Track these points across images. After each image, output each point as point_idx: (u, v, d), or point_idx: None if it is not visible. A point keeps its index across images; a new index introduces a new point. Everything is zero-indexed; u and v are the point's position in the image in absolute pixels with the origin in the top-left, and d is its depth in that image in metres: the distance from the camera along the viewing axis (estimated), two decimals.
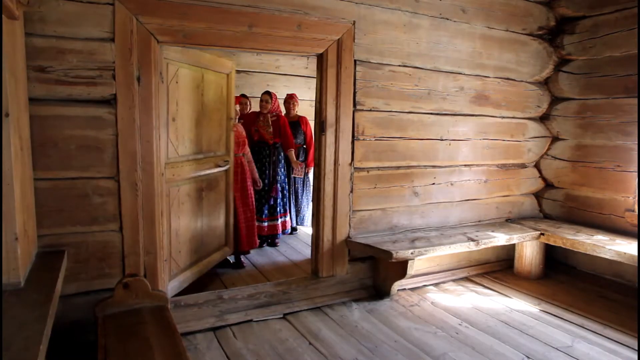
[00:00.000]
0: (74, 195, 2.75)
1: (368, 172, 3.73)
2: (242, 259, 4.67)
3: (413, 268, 3.53)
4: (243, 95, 5.60)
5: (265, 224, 5.18)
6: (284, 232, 5.43)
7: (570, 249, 3.94)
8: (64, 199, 2.73)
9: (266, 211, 5.17)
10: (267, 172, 5.17)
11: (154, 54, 2.88)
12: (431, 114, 3.95)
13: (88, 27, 2.68)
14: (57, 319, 2.28)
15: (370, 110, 3.66)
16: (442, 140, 4.04)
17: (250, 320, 3.28)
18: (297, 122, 5.59)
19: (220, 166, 4.00)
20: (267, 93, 5.20)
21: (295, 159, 5.42)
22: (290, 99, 5.62)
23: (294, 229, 5.83)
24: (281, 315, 3.39)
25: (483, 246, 3.86)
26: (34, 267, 2.43)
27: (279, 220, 5.30)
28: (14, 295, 2.06)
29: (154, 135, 2.92)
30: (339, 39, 3.43)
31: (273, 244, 5.31)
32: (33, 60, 2.56)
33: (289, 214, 5.51)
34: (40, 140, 2.62)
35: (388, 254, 3.37)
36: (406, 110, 3.82)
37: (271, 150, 5.19)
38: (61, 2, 2.59)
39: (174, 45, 3.08)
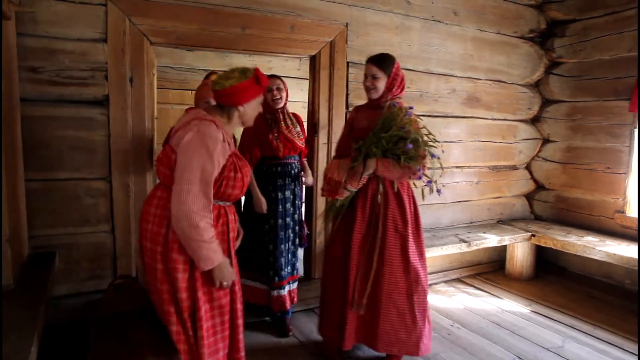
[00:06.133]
0: (66, 196, 2.74)
1: None
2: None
3: None
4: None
5: (284, 291, 3.11)
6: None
7: (561, 250, 3.98)
8: (55, 200, 2.71)
9: (289, 269, 3.17)
10: (288, 206, 3.13)
11: (147, 55, 2.87)
12: (423, 115, 3.95)
13: (80, 27, 2.66)
14: (47, 320, 2.27)
15: None
16: None
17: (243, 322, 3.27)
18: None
19: None
20: (277, 77, 3.10)
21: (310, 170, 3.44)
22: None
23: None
24: (269, 317, 3.38)
25: (475, 247, 3.89)
26: (24, 268, 2.42)
27: (293, 285, 3.23)
28: (4, 297, 2.04)
29: (147, 136, 2.92)
30: (331, 41, 3.44)
31: (282, 330, 3.14)
32: (24, 60, 2.55)
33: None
34: (32, 141, 2.61)
35: None
36: None
37: (293, 169, 3.18)
38: (53, 3, 2.58)
39: (167, 47, 3.07)
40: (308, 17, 3.32)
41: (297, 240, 3.24)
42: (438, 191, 2.57)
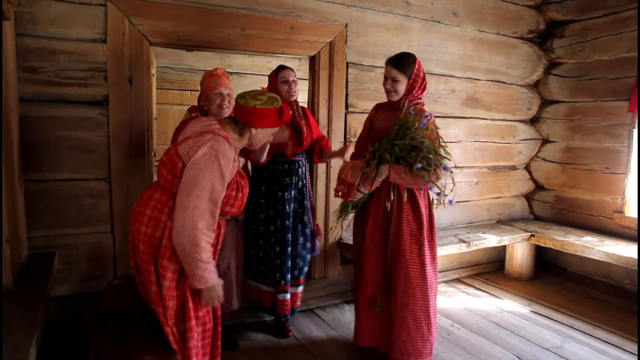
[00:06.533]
0: (65, 196, 2.74)
1: None
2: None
3: None
4: None
5: (288, 295, 3.07)
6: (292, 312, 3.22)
7: (560, 250, 3.98)
8: (55, 200, 2.71)
9: (296, 273, 3.12)
10: (295, 206, 3.06)
11: (146, 55, 2.87)
12: None
13: (80, 28, 2.66)
14: (47, 321, 2.26)
15: (363, 112, 3.66)
16: None
17: (242, 322, 3.27)
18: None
19: None
20: (291, 68, 3.02)
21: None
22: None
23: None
24: (273, 317, 3.38)
25: (474, 248, 3.89)
26: (24, 269, 2.42)
27: (297, 289, 3.20)
28: (4, 297, 2.04)
29: (146, 136, 2.91)
30: (331, 42, 3.44)
31: (282, 331, 3.15)
32: (24, 60, 2.55)
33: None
34: (31, 141, 2.61)
35: None
36: None
37: (301, 167, 3.08)
38: (52, 3, 2.58)
39: (167, 47, 3.07)
40: (308, 17, 3.32)
41: (307, 244, 3.13)
42: (450, 202, 2.55)
